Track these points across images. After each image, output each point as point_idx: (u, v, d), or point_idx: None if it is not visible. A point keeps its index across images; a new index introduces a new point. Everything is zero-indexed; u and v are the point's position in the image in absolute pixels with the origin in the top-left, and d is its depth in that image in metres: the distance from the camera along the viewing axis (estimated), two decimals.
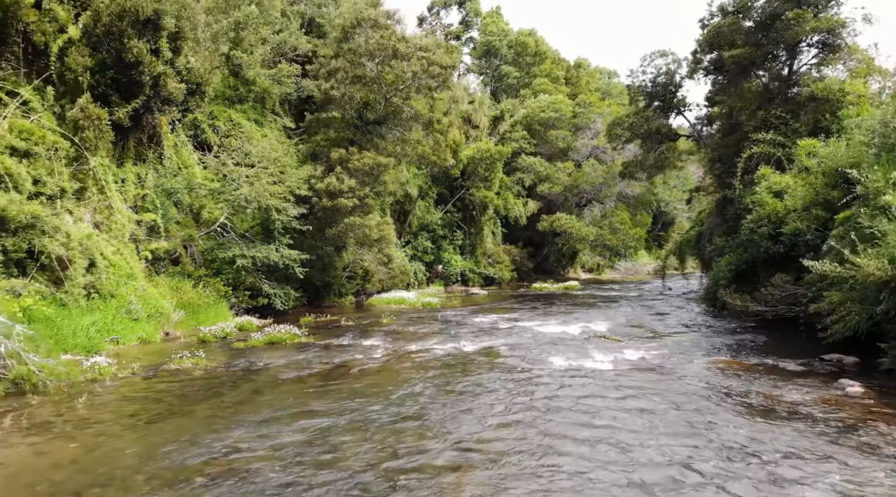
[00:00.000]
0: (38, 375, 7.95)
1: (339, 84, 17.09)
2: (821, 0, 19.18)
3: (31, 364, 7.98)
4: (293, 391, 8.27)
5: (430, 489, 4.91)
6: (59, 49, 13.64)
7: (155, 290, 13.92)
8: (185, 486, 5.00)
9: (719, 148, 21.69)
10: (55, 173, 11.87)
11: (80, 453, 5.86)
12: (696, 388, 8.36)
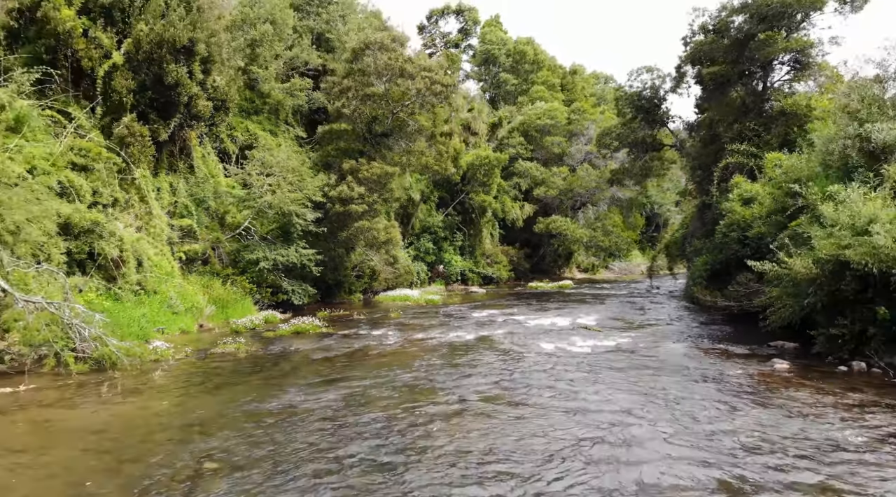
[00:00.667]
0: (117, 355, 9.80)
1: (349, 101, 18.99)
2: (792, 23, 21.10)
3: (111, 345, 9.83)
4: (326, 366, 10.14)
5: (441, 421, 6.77)
6: (105, 73, 15.49)
7: (190, 288, 15.76)
8: (259, 422, 6.85)
9: (700, 157, 23.58)
10: (108, 185, 13.72)
11: (172, 407, 7.71)
12: (654, 364, 10.22)
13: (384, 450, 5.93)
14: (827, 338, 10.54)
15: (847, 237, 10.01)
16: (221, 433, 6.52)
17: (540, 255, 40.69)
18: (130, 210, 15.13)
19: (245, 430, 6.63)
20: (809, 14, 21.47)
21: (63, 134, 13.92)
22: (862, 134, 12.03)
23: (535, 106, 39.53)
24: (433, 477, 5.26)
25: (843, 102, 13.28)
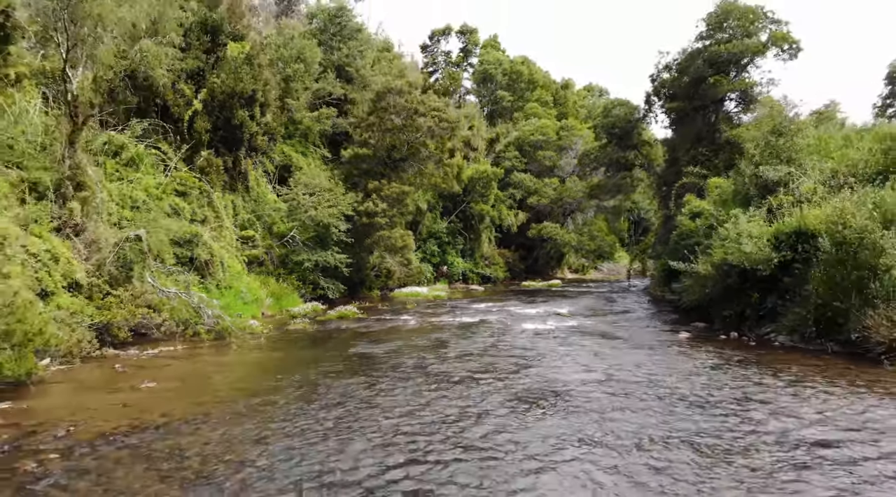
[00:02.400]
0: (232, 328, 14.49)
1: (373, 133, 23.69)
2: (739, 66, 25.91)
3: (227, 321, 14.53)
4: (372, 335, 14.84)
5: (448, 364, 11.43)
6: (189, 117, 20.17)
7: (253, 284, 20.44)
8: (347, 360, 11.51)
9: (664, 175, 28.37)
10: (200, 206, 18.41)
11: (285, 355, 12.41)
12: (599, 335, 14.92)
13: (420, 370, 10.60)
14: (721, 318, 15.30)
15: (732, 246, 14.75)
16: (326, 364, 11.22)
17: (533, 257, 45.46)
18: (209, 224, 19.82)
19: (340, 362, 11.32)
20: (754, 58, 26.28)
21: (162, 166, 18.61)
22: (757, 173, 16.79)
23: (529, 122, 44.34)
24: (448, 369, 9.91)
25: (748, 147, 18.03)
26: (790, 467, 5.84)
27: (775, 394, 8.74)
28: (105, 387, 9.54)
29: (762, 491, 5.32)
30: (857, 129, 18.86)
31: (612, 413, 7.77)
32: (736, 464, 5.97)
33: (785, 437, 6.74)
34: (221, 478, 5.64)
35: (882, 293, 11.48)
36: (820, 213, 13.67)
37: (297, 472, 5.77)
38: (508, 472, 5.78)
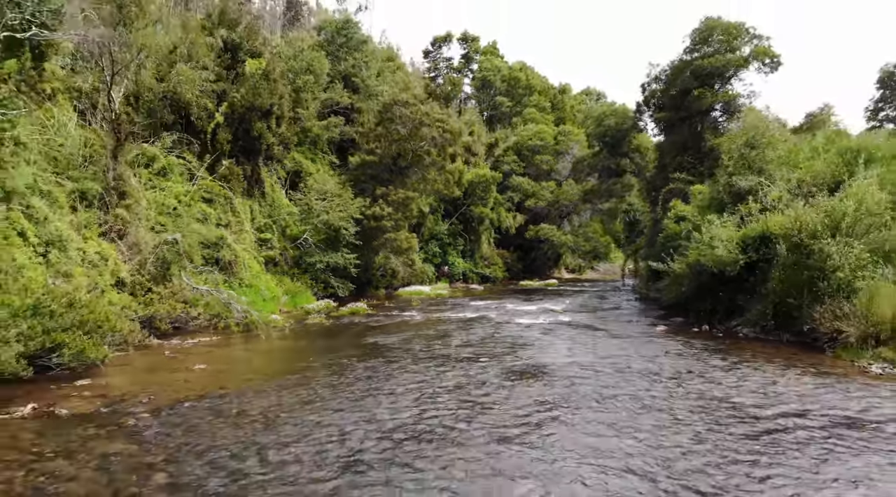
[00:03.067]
0: (259, 322, 16.28)
1: (380, 143, 25.49)
2: (720, 80, 27.70)
3: (255, 315, 16.32)
4: (383, 328, 16.63)
5: (452, 350, 13.21)
6: (212, 129, 21.94)
7: (270, 282, 22.23)
8: (364, 347, 13.30)
9: (653, 180, 30.17)
10: (225, 211, 20.20)
11: (309, 343, 14.20)
12: (586, 328, 16.71)
13: (429, 354, 12.38)
14: (695, 313, 17.11)
15: (705, 249, 16.54)
16: (347, 350, 13.01)
17: (531, 257, 47.26)
18: (231, 228, 21.61)
19: (359, 349, 13.12)
20: (737, 71, 28.09)
21: (188, 175, 20.39)
22: (730, 182, 18.59)
23: (527, 127, 46.14)
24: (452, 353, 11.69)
25: (724, 159, 19.83)
26: (694, 414, 7.70)
27: (716, 371, 10.58)
28: (163, 368, 11.34)
29: (668, 426, 7.22)
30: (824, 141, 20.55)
31: (580, 382, 9.64)
32: (656, 409, 7.93)
33: (701, 397, 8.61)
34: (284, 426, 7.45)
35: (829, 291, 13.29)
36: (781, 219, 15.46)
37: (342, 422, 7.58)
38: (499, 417, 7.67)
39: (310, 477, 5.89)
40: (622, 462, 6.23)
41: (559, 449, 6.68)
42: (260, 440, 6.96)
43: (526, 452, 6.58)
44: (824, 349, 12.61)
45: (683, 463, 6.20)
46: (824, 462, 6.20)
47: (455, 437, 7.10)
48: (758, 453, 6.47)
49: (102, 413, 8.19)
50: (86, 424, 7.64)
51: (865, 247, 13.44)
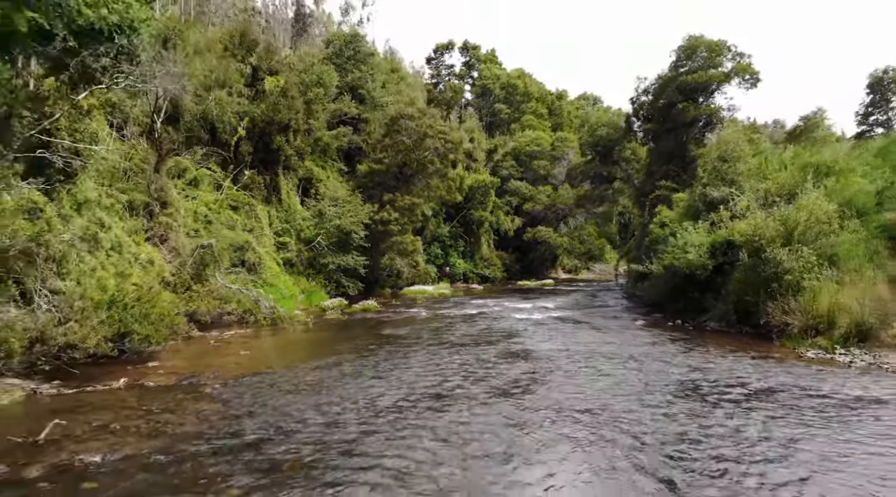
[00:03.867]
0: (285, 316, 18.49)
1: (387, 153, 27.72)
2: (701, 96, 29.94)
3: (281, 311, 18.54)
4: (394, 323, 18.85)
5: (456, 339, 15.44)
6: (235, 142, 24.16)
7: (288, 282, 24.43)
8: (380, 337, 15.51)
9: (642, 187, 32.40)
10: (249, 217, 22.41)
11: (330, 336, 16.43)
12: (575, 323, 18.94)
13: (436, 342, 14.59)
14: (670, 310, 19.33)
15: (679, 253, 18.77)
16: (366, 340, 15.24)
17: (529, 258, 49.47)
18: (255, 232, 23.82)
19: (376, 339, 15.34)
20: (720, 86, 30.33)
21: (214, 184, 22.60)
22: (704, 193, 20.83)
23: (525, 133, 48.38)
24: (456, 341, 13.89)
25: (699, 171, 22.05)
26: (640, 381, 9.93)
27: (673, 354, 12.84)
28: (214, 354, 13.57)
29: (616, 386, 9.51)
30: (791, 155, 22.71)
31: (557, 361, 11.98)
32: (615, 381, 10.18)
33: (652, 371, 10.89)
34: (329, 391, 9.68)
35: (780, 290, 15.51)
36: (744, 226, 17.69)
37: (374, 389, 9.82)
38: (495, 383, 10.00)
39: (359, 420, 8.12)
40: (577, 406, 8.46)
41: (538, 400, 8.94)
42: (313, 400, 9.20)
43: (514, 403, 8.83)
44: (773, 339, 14.85)
45: (618, 406, 8.42)
46: (735, 415, 8.42)
47: (463, 394, 9.38)
48: (670, 403, 8.70)
49: (182, 385, 10.42)
50: (173, 392, 9.87)
51: (814, 252, 15.69)
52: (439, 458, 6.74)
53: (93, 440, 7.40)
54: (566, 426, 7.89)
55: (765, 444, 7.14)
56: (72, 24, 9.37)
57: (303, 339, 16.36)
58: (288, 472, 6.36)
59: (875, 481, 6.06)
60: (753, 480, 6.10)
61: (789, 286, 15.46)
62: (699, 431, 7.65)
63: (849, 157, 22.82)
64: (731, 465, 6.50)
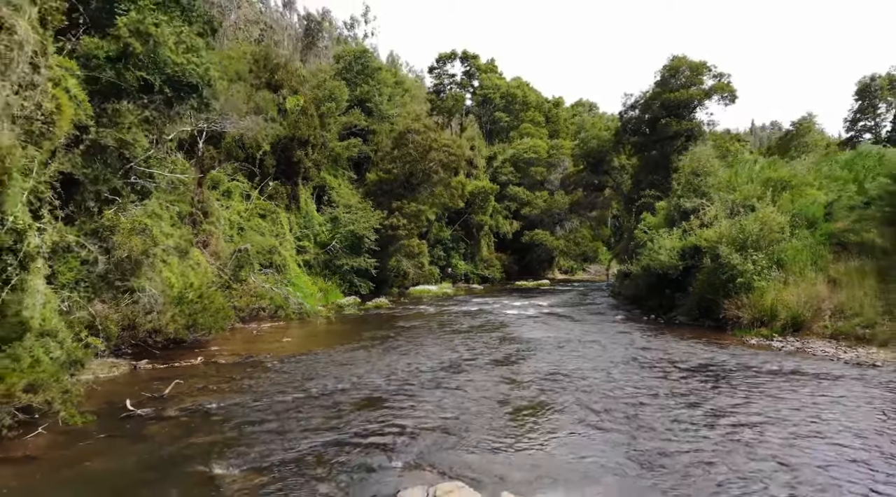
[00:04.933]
0: (311, 312, 21.41)
1: (395, 164, 30.65)
2: (683, 112, 32.88)
3: (307, 307, 21.46)
4: (406, 317, 21.77)
5: (461, 328, 18.37)
6: (260, 156, 27.06)
7: (307, 282, 27.35)
8: (395, 327, 18.43)
9: (630, 194, 35.33)
10: (275, 224, 25.34)
11: (352, 328, 19.36)
12: (563, 317, 21.86)
13: (445, 331, 17.50)
14: (647, 306, 22.25)
15: (654, 256, 21.69)
16: (384, 331, 18.16)
17: (527, 260, 52.39)
18: (279, 237, 26.73)
19: (392, 330, 18.25)
20: (702, 102, 33.27)
21: (244, 194, 25.52)
22: (678, 203, 23.76)
23: (523, 141, 51.33)
24: (461, 330, 16.77)
25: (674, 184, 24.97)
26: (603, 359, 12.85)
27: (639, 339, 15.78)
28: (259, 341, 16.49)
29: (587, 362, 12.39)
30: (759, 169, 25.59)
31: (542, 344, 14.92)
32: (585, 357, 13.06)
33: (619, 353, 13.81)
34: (363, 365, 12.61)
35: (735, 290, 18.42)
36: (709, 234, 20.61)
37: (399, 363, 12.76)
38: (493, 358, 12.93)
39: (391, 381, 11.05)
40: (553, 371, 11.37)
41: (525, 367, 11.90)
42: (353, 371, 12.13)
43: (507, 369, 11.78)
44: (727, 330, 17.78)
45: (583, 372, 11.32)
46: (668, 376, 11.33)
47: (468, 366, 12.33)
48: (624, 372, 11.62)
49: (247, 361, 13.35)
50: (241, 366, 12.81)
51: (766, 256, 18.62)
52: (455, 401, 9.67)
53: (201, 395, 10.32)
54: (545, 383, 10.84)
55: (692, 395, 10.07)
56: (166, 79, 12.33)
57: (330, 330, 19.29)
58: (348, 412, 9.28)
59: (771, 415, 8.97)
60: (684, 415, 9.00)
61: (742, 286, 18.40)
62: (640, 386, 10.58)
63: (810, 171, 25.74)
64: (664, 402, 9.42)
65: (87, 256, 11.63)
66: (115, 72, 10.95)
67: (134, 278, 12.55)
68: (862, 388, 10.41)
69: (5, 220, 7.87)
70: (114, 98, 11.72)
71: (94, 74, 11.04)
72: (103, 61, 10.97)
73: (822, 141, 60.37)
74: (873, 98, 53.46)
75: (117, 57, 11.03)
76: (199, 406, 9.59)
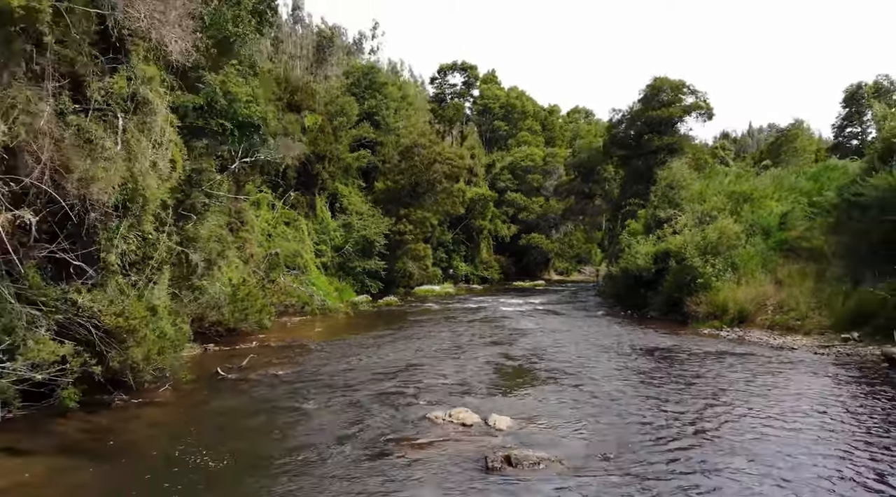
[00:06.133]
0: (333, 308, 24.88)
1: (402, 175, 34.17)
2: (665, 128, 36.39)
3: (329, 303, 24.95)
4: (415, 313, 25.25)
5: (463, 320, 21.85)
6: (282, 169, 30.51)
7: (325, 282, 30.82)
8: (407, 321, 21.90)
9: (617, 202, 38.82)
10: (298, 231, 28.84)
11: (370, 321, 22.86)
12: (552, 313, 25.34)
13: (450, 323, 20.94)
14: (626, 304, 25.77)
15: (631, 259, 25.17)
16: (398, 323, 21.63)
17: (524, 262, 55.89)
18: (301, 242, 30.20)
19: (405, 322, 21.72)
20: (682, 118, 36.79)
21: (270, 204, 28.98)
22: (654, 213, 27.26)
23: (520, 149, 54.87)
24: (464, 321, 20.21)
25: (651, 196, 28.50)
26: (588, 342, 16.34)
27: (613, 329, 19.30)
28: (295, 330, 19.97)
29: (572, 345, 15.90)
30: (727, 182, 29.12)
31: (533, 331, 18.43)
32: (566, 340, 16.57)
33: (593, 338, 17.32)
34: (388, 346, 16.09)
35: (696, 289, 21.91)
36: (677, 240, 24.09)
37: (416, 344, 16.26)
38: (491, 340, 16.47)
39: (413, 356, 14.52)
40: (539, 349, 14.82)
41: (517, 347, 15.42)
42: (378, 350, 15.61)
43: (503, 348, 15.29)
44: (687, 323, 21.27)
45: (562, 349, 14.75)
46: (633, 355, 14.80)
47: (472, 344, 15.88)
48: (597, 351, 15.08)
49: (293, 345, 16.85)
50: (290, 348, 16.30)
51: (723, 260, 22.12)
52: (461, 367, 13.15)
53: (269, 366, 13.81)
54: (530, 357, 14.36)
55: (642, 365, 13.57)
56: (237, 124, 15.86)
57: (350, 323, 22.76)
58: (382, 374, 12.75)
59: (690, 375, 12.43)
60: (633, 376, 12.46)
61: (702, 285, 21.88)
62: (604, 360, 14.07)
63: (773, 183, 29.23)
64: (621, 369, 12.90)
65: (174, 260, 15.09)
66: (202, 118, 14.44)
67: (206, 278, 16.02)
68: (774, 363, 13.92)
69: (147, 235, 11.37)
70: (195, 137, 15.21)
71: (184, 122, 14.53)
72: (190, 110, 14.45)
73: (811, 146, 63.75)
74: (860, 106, 56.50)
75: (202, 107, 14.51)
76: (270, 373, 13.07)
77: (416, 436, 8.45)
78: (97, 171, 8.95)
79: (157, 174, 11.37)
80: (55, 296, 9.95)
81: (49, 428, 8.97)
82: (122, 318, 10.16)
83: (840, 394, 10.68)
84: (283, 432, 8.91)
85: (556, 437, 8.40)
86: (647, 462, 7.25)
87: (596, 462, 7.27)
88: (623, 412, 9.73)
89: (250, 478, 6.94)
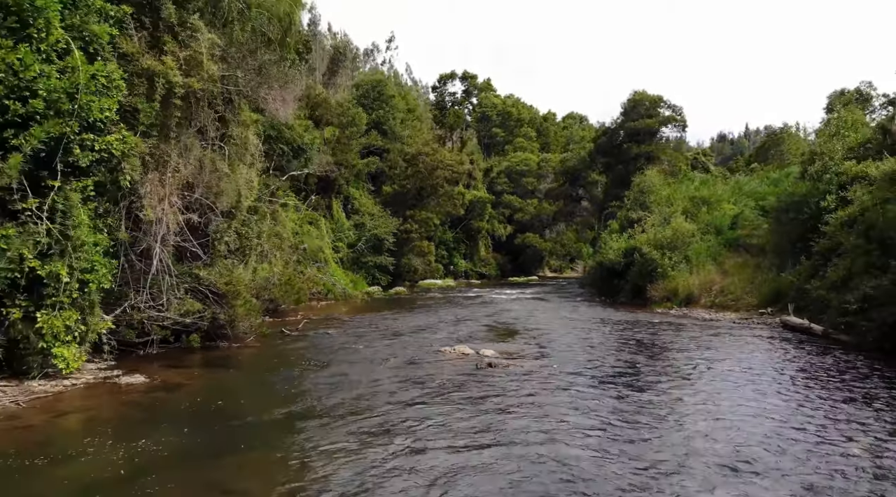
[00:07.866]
0: (353, 296, 29.92)
1: (408, 180, 39.23)
2: (644, 137, 41.52)
3: (349, 291, 29.99)
4: (422, 301, 30.29)
5: (463, 306, 26.90)
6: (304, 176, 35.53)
7: (342, 274, 35.83)
8: (416, 306, 26.92)
9: (601, 205, 43.89)
10: (319, 229, 33.90)
11: (385, 306, 27.91)
12: (539, 301, 30.37)
13: (453, 307, 25.97)
14: (602, 292, 30.83)
15: (605, 253, 30.23)
16: (409, 307, 26.69)
17: (520, 259, 60.97)
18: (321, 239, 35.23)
19: (415, 307, 26.76)
20: (659, 129, 41.93)
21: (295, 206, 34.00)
22: (627, 215, 32.36)
23: (516, 154, 60.00)
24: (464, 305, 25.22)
25: (626, 200, 33.60)
26: (564, 319, 21.42)
27: (586, 311, 24.38)
28: (326, 311, 25.00)
29: (551, 323, 21.01)
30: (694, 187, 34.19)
31: (520, 313, 23.51)
32: (545, 319, 21.67)
33: (567, 315, 22.42)
34: (405, 323, 21.16)
35: (655, 278, 26.98)
36: (643, 238, 29.15)
37: (428, 319, 21.33)
38: (487, 317, 21.55)
39: (427, 325, 19.58)
40: (525, 324, 19.85)
41: (507, 323, 20.49)
42: (398, 321, 20.67)
43: (492, 319, 20.36)
44: (647, 305, 26.34)
45: (542, 325, 19.78)
46: (600, 329, 19.85)
47: (467, 318, 20.94)
48: (571, 326, 20.11)
49: (329, 318, 21.91)
50: (328, 320, 21.36)
51: (679, 254, 27.22)
52: (462, 329, 18.19)
53: (319, 328, 18.84)
54: (515, 324, 19.44)
55: (604, 332, 18.63)
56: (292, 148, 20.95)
57: (370, 306, 27.82)
58: (404, 333, 17.78)
59: (638, 337, 17.46)
60: (598, 335, 17.50)
61: (660, 275, 26.96)
62: (574, 327, 19.13)
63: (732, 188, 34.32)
64: (587, 332, 17.94)
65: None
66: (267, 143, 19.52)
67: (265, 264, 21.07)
68: (699, 328, 19.01)
69: (240, 230, 16.44)
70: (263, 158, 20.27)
71: None
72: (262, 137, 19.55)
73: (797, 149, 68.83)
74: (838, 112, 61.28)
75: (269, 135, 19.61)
76: (322, 333, 18.13)
77: (434, 358, 13.52)
78: (227, 188, 14.01)
79: (248, 187, 16.49)
80: (183, 271, 15.07)
81: (186, 358, 14.00)
82: (230, 286, 15.25)
83: (741, 344, 15.78)
84: (346, 356, 13.97)
85: (521, 359, 13.48)
86: (583, 369, 12.32)
87: (546, 371, 12.33)
88: (572, 348, 14.82)
89: (331, 376, 11.98)
